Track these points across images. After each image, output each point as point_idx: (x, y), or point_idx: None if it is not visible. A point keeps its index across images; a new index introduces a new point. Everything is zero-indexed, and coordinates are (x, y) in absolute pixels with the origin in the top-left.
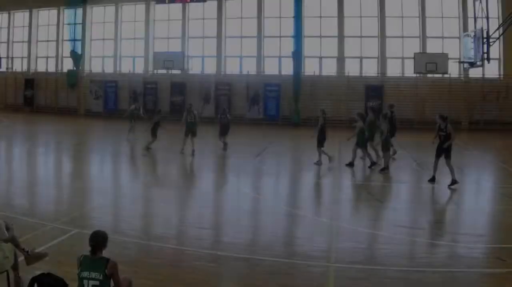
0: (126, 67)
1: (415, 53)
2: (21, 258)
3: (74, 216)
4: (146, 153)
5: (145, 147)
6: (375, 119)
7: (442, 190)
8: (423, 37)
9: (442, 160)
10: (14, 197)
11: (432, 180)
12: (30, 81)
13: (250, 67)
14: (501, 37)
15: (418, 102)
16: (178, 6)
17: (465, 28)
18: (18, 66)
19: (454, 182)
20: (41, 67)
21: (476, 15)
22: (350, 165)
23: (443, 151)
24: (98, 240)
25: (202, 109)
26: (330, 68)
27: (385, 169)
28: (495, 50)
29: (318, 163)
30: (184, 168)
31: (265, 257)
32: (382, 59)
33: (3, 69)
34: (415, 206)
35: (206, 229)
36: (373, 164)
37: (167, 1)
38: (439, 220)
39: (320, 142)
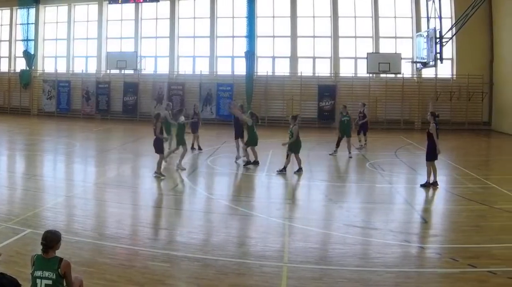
0: (79, 67)
1: (368, 53)
2: None
3: (27, 216)
4: (181, 167)
5: (178, 163)
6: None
7: (395, 190)
8: (376, 37)
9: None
10: None
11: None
12: None
13: (203, 67)
14: (454, 37)
15: (371, 102)
16: (131, 6)
17: (418, 28)
18: None
19: (429, 183)
20: None
21: (429, 15)
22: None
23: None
24: (50, 239)
25: (154, 110)
26: (283, 68)
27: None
28: (448, 50)
29: (237, 160)
30: (137, 168)
31: (219, 257)
32: (335, 59)
33: None
34: (368, 206)
35: (159, 229)
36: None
37: (120, 1)
38: (392, 220)
39: (247, 142)
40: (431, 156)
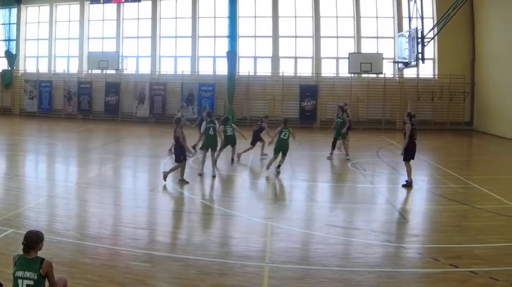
0: (60, 67)
1: (349, 53)
2: None
3: (9, 216)
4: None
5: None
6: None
7: (377, 190)
8: (358, 37)
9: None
10: None
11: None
12: None
13: (184, 67)
14: (436, 37)
15: (353, 102)
16: (112, 6)
17: (400, 28)
18: None
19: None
20: None
21: (411, 15)
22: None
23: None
24: (32, 240)
25: (136, 110)
26: (265, 68)
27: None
28: (430, 50)
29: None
30: (119, 168)
31: (200, 257)
32: (317, 59)
33: None
34: (350, 206)
35: (141, 228)
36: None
37: (101, 1)
38: (374, 220)
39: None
40: (406, 155)
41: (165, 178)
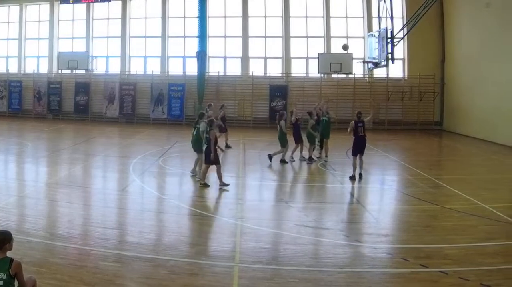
0: (30, 67)
1: (319, 53)
2: None
3: None
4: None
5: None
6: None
7: (347, 190)
8: (328, 37)
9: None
10: None
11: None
12: None
13: (154, 67)
14: (406, 37)
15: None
16: (82, 6)
17: (370, 28)
18: None
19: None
20: None
21: (381, 15)
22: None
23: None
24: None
25: (106, 110)
26: (234, 68)
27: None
28: (400, 50)
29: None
30: (89, 168)
31: (170, 257)
32: (287, 59)
33: None
34: (320, 206)
35: (110, 229)
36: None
37: (71, 1)
38: (344, 220)
39: None
40: (352, 150)
41: (205, 184)
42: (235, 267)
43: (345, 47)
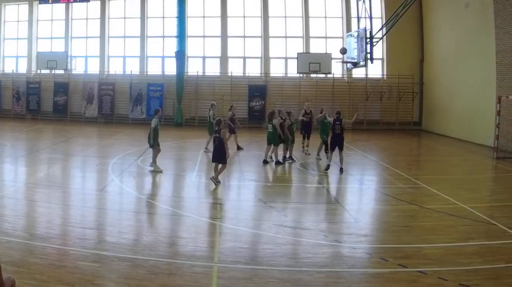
0: (9, 67)
1: (298, 53)
2: None
3: None
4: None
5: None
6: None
7: (326, 190)
8: (306, 37)
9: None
10: None
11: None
12: None
13: (133, 67)
14: (384, 37)
15: (301, 102)
16: (61, 6)
17: (349, 28)
18: None
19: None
20: None
21: (359, 15)
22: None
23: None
24: None
25: (85, 110)
26: (213, 68)
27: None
28: (379, 50)
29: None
30: (68, 168)
31: (149, 257)
32: (266, 59)
33: None
34: (299, 206)
35: (89, 229)
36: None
37: (50, 1)
38: (322, 220)
39: None
40: (330, 146)
41: (217, 183)
42: (214, 267)
43: (343, 50)
